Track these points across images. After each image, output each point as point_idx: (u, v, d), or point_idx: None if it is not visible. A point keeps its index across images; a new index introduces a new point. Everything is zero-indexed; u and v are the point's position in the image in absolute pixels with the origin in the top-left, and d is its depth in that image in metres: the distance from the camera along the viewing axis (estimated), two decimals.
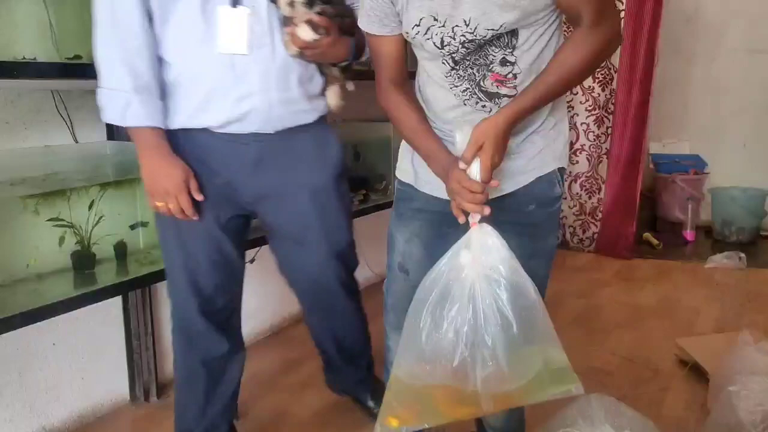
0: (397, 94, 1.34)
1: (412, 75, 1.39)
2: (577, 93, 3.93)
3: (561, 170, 1.38)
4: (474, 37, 1.20)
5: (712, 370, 2.11)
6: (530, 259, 1.27)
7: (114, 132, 2.02)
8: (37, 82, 1.67)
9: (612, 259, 3.85)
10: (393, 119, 1.36)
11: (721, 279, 3.44)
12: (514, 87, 1.25)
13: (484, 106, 1.27)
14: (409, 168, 1.42)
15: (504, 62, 1.24)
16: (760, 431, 1.63)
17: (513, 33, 1.21)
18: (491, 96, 1.26)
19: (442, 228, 1.35)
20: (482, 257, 1.20)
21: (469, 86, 1.26)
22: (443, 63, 1.26)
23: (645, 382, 2.28)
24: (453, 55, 1.24)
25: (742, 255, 3.65)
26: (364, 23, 1.31)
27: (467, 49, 1.22)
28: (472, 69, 1.25)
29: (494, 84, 1.25)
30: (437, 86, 1.31)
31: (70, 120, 1.91)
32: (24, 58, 1.62)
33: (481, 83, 1.25)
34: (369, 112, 3.06)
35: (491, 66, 1.24)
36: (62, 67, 1.64)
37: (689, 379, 2.28)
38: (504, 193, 1.32)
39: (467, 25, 1.19)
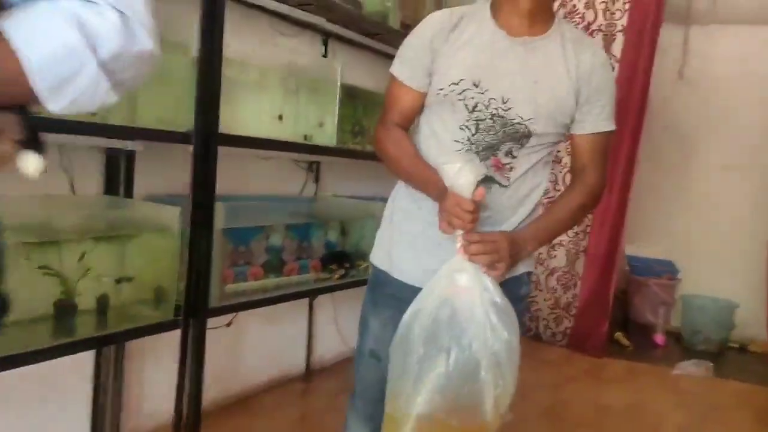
0: (399, 131, 1.44)
1: None
2: (559, 189, 4.08)
3: (528, 274, 1.49)
4: (503, 116, 1.32)
5: None
6: None
7: (111, 186, 2.09)
8: (47, 136, 1.74)
9: (583, 355, 3.90)
10: (390, 150, 1.43)
11: (687, 386, 3.49)
12: (507, 179, 1.37)
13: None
14: (385, 256, 1.49)
15: (508, 153, 1.37)
16: None
17: (528, 134, 1.35)
18: (485, 179, 1.36)
19: None
20: (477, 278, 1.26)
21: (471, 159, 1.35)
22: (463, 129, 1.36)
23: None
24: (479, 122, 1.34)
25: (710, 364, 3.72)
26: (397, 68, 1.41)
27: (493, 122, 1.33)
28: (483, 145, 1.35)
29: (492, 168, 1.36)
30: (440, 144, 1.39)
31: (71, 172, 1.97)
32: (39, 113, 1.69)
33: (484, 162, 1.36)
34: (358, 189, 3.17)
35: (497, 152, 1.36)
36: (72, 124, 1.72)
37: None
38: None
39: (504, 102, 1.32)
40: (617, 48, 3.88)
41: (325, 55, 2.94)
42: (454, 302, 1.25)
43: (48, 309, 1.76)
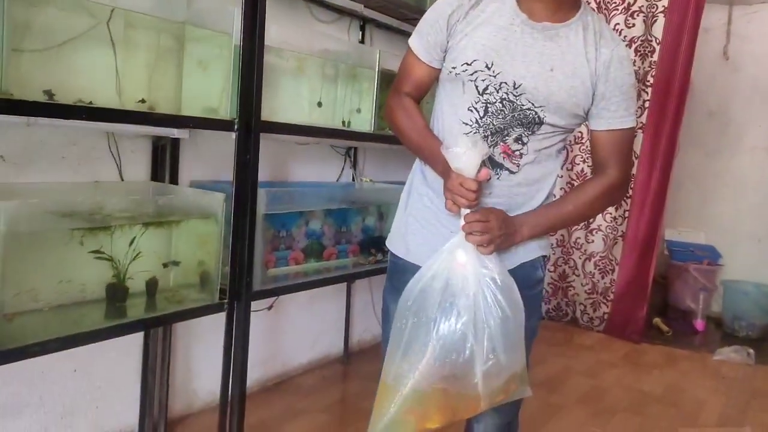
0: (411, 102, 1.45)
1: None
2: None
3: (544, 257, 1.49)
4: (513, 101, 1.31)
5: None
6: None
7: (157, 173, 2.15)
8: (96, 125, 1.80)
9: (621, 341, 3.87)
10: (401, 121, 1.43)
11: (728, 373, 3.44)
12: (517, 166, 1.37)
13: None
14: (401, 242, 1.50)
15: (518, 140, 1.36)
16: None
17: (539, 121, 1.33)
18: (494, 165, 1.36)
19: None
20: (476, 255, 1.28)
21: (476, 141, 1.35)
22: (471, 110, 1.35)
23: None
24: (488, 105, 1.33)
25: (751, 351, 3.66)
26: (414, 41, 1.42)
27: (503, 106, 1.33)
28: (491, 129, 1.35)
29: (501, 155, 1.36)
30: (449, 124, 1.39)
31: (119, 159, 2.04)
32: (91, 102, 1.75)
33: (492, 149, 1.35)
34: (395, 175, 3.18)
35: (506, 138, 1.35)
36: (121, 113, 1.77)
37: None
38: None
39: (515, 88, 1.31)
40: (658, 29, 3.80)
41: (362, 41, 2.95)
42: (449, 276, 1.27)
43: (101, 292, 1.83)
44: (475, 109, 1.35)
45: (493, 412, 1.40)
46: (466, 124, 1.36)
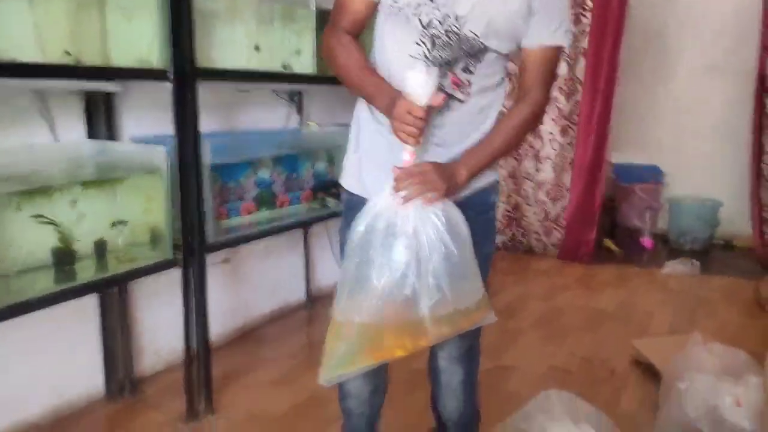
0: (349, 38, 1.42)
1: None
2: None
3: (496, 182, 1.52)
4: (457, 33, 1.31)
5: (664, 370, 2.24)
6: None
7: (93, 131, 2.07)
8: (22, 82, 1.71)
9: (574, 264, 4.00)
10: (339, 57, 1.40)
11: (675, 285, 3.61)
12: (467, 95, 1.37)
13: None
14: (356, 180, 1.51)
15: (466, 70, 1.36)
16: (706, 427, 1.76)
17: (483, 48, 1.34)
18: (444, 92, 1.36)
19: None
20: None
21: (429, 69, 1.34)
22: (419, 44, 1.34)
23: (602, 381, 2.40)
24: (434, 39, 1.33)
25: (696, 262, 3.83)
26: None
27: (449, 39, 1.32)
28: (439, 61, 1.34)
29: (451, 85, 1.36)
30: (395, 59, 1.38)
31: (51, 119, 1.95)
32: (14, 59, 1.65)
33: (441, 80, 1.34)
34: (342, 118, 3.14)
35: (454, 69, 1.35)
36: (47, 68, 1.68)
37: (643, 378, 2.41)
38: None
39: (456, 20, 1.31)
40: None
41: None
42: (391, 215, 1.28)
43: (47, 257, 1.78)
44: (423, 42, 1.34)
45: (455, 338, 1.43)
46: (414, 57, 1.35)
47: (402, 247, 1.26)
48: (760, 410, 1.68)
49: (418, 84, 1.22)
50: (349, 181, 1.53)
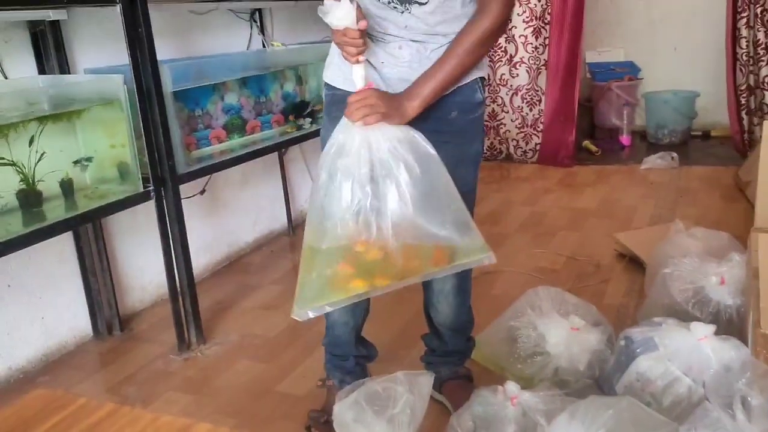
0: None
1: None
2: (514, 5, 3.94)
3: (482, 79, 1.45)
4: None
5: (647, 259, 2.26)
6: (457, 166, 1.32)
7: (44, 66, 1.96)
8: None
9: (554, 167, 3.99)
10: None
11: (655, 178, 3.62)
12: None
13: (395, 8, 1.33)
14: (337, 71, 1.45)
15: None
16: (691, 306, 1.78)
17: None
18: (402, 1, 1.32)
19: None
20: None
21: None
22: None
23: (588, 276, 2.43)
24: None
25: (675, 155, 3.83)
26: None
27: None
28: None
29: None
30: None
31: None
32: None
33: None
34: (306, 35, 3.02)
35: None
36: None
37: (628, 270, 2.44)
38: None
39: None
40: None
41: None
42: (346, 141, 1.24)
43: (12, 200, 1.72)
44: None
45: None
46: None
47: (361, 175, 1.21)
48: (743, 286, 1.70)
49: (333, 15, 1.21)
50: (331, 74, 1.48)
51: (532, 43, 3.99)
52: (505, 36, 4.02)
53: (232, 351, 2.09)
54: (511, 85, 4.12)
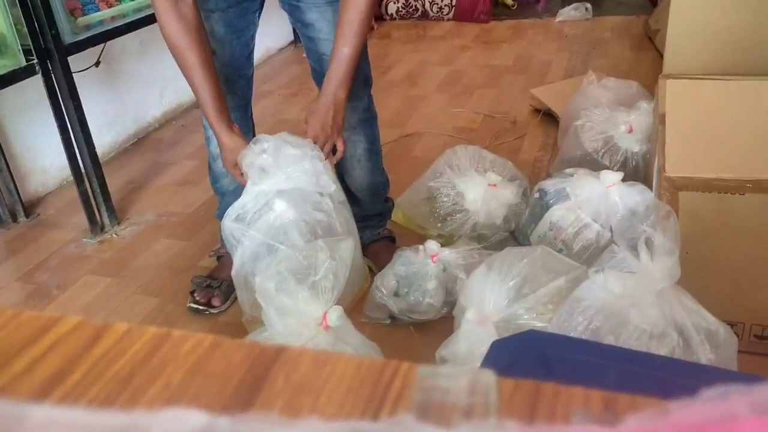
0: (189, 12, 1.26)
1: None
2: None
3: None
4: None
5: (561, 113, 2.30)
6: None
7: None
8: None
9: (470, 24, 3.89)
10: (175, 42, 1.27)
11: (569, 31, 3.61)
12: None
13: None
14: None
15: None
16: (601, 156, 1.84)
17: None
18: None
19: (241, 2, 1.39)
20: None
21: None
22: None
23: (505, 132, 2.46)
24: None
25: (589, 5, 3.81)
26: None
27: None
28: None
29: None
30: None
31: None
32: None
33: None
34: None
35: None
36: None
37: (542, 124, 2.48)
38: None
39: None
40: None
41: None
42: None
43: None
44: None
45: (348, 106, 1.37)
46: None
47: None
48: (649, 134, 1.76)
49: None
50: None
51: None
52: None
53: (150, 230, 2.03)
54: None
